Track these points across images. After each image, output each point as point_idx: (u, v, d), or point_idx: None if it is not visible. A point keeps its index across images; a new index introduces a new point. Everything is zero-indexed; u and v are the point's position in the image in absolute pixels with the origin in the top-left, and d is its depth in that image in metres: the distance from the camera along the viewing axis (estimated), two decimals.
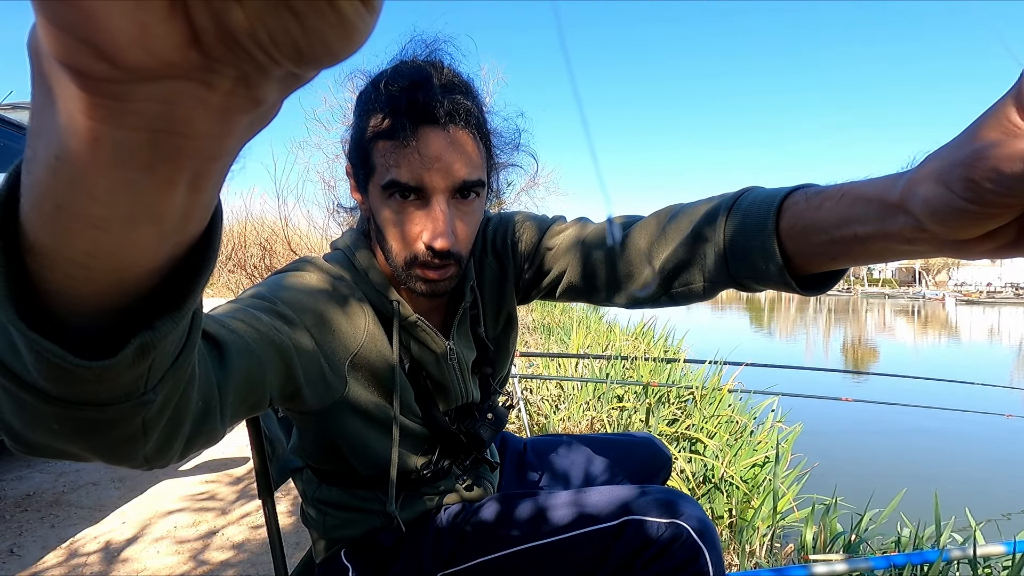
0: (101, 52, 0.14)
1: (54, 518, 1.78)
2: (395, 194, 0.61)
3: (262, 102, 0.17)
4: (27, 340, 0.21)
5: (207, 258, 0.24)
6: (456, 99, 0.60)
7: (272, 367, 0.51)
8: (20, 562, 1.54)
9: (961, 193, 0.30)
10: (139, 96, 0.15)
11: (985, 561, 1.50)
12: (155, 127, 0.16)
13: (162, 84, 0.15)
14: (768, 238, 0.47)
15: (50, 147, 0.17)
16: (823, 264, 0.46)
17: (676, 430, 2.38)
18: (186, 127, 0.17)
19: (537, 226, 0.77)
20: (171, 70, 0.15)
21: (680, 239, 0.58)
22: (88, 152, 0.16)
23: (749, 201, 0.51)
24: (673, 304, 0.63)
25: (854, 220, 0.40)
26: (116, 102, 0.15)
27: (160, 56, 0.14)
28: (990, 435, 3.97)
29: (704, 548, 0.63)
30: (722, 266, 0.54)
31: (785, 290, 0.49)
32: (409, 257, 0.63)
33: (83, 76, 0.15)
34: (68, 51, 0.14)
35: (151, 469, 0.33)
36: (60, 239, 0.19)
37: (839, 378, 5.54)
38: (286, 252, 6.78)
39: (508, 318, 0.81)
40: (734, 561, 1.64)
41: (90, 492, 1.98)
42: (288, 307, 0.58)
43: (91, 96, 0.15)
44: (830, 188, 0.43)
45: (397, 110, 0.59)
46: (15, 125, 2.12)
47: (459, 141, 0.61)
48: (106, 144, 0.16)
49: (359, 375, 0.66)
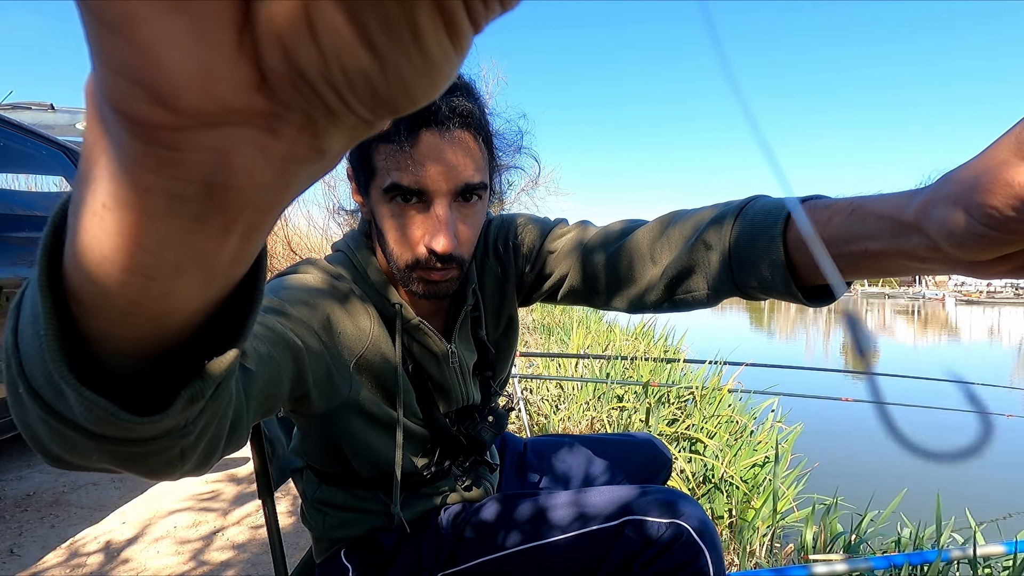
0: (157, 96, 0.13)
1: (54, 518, 1.78)
2: (396, 197, 0.61)
3: (326, 153, 0.16)
4: (79, 396, 0.20)
5: (253, 299, 0.23)
6: (457, 101, 0.59)
7: (286, 370, 0.51)
8: (20, 562, 1.54)
9: (981, 219, 0.30)
10: (196, 145, 0.14)
11: (985, 561, 1.50)
12: (211, 178, 0.15)
13: (222, 131, 0.14)
14: (775, 248, 0.47)
15: (98, 195, 0.16)
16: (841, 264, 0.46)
17: (676, 430, 2.38)
18: (244, 178, 0.15)
19: (539, 229, 0.76)
20: (233, 116, 0.14)
21: (684, 245, 0.58)
22: (138, 203, 0.15)
23: (756, 210, 0.51)
24: (675, 310, 0.63)
25: (865, 236, 0.40)
26: (170, 151, 0.14)
27: (222, 101, 0.13)
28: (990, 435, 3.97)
29: (704, 548, 0.63)
30: (727, 273, 0.54)
31: (789, 300, 0.49)
32: (411, 260, 0.63)
33: (136, 123, 0.13)
34: (121, 95, 0.13)
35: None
36: (105, 287, 0.18)
37: (839, 378, 5.53)
38: (286, 252, 6.78)
39: (509, 320, 0.81)
40: (734, 561, 1.64)
41: (90, 492, 1.98)
42: (296, 309, 0.58)
43: (144, 144, 0.14)
44: (840, 201, 0.43)
45: None
46: (15, 125, 2.12)
47: (461, 143, 0.60)
48: (158, 195, 0.15)
49: (363, 377, 0.66)
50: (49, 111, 3.34)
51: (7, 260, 1.83)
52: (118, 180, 0.15)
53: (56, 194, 2.58)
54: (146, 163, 0.14)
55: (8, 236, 1.88)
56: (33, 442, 0.26)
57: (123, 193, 0.15)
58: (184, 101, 0.13)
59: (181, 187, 0.15)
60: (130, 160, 0.15)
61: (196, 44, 0.12)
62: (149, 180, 0.15)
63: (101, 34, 0.12)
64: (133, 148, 0.14)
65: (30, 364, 0.22)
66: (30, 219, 2.05)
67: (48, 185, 2.81)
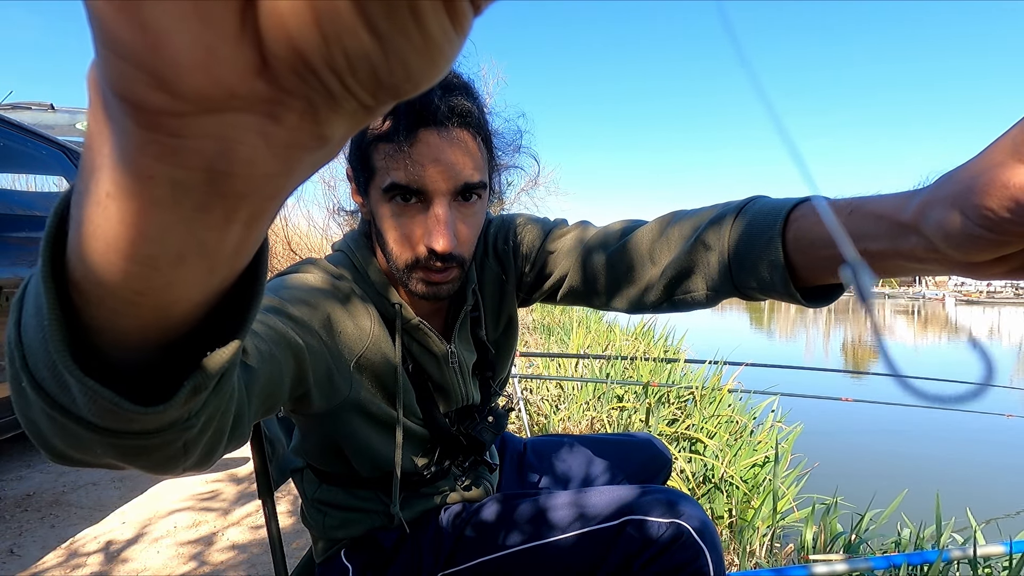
0: (160, 80, 0.13)
1: (54, 518, 1.78)
2: (396, 197, 0.61)
3: (328, 140, 0.16)
4: (82, 386, 0.21)
5: (255, 291, 0.23)
6: (456, 100, 0.59)
7: (287, 369, 0.51)
8: (20, 562, 1.54)
9: (977, 220, 0.30)
10: (198, 131, 0.14)
11: (985, 561, 1.50)
12: (213, 166, 0.15)
13: (223, 117, 0.14)
14: (775, 249, 0.47)
15: (101, 184, 0.16)
16: (828, 277, 0.46)
17: (676, 430, 2.38)
18: (246, 166, 0.15)
19: (539, 229, 0.76)
20: (235, 102, 0.14)
21: (683, 246, 0.58)
22: (141, 191, 0.15)
23: (756, 210, 0.51)
24: (674, 311, 0.63)
25: (864, 237, 0.40)
26: (172, 138, 0.14)
27: (225, 85, 0.13)
28: (990, 435, 3.97)
29: (704, 548, 0.63)
30: (726, 274, 0.54)
31: (788, 301, 0.49)
32: (411, 260, 0.63)
33: (139, 108, 0.14)
34: (125, 80, 0.13)
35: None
36: (108, 277, 0.18)
37: (839, 378, 5.53)
38: (286, 252, 6.78)
39: (509, 321, 0.81)
40: (734, 561, 1.64)
41: (90, 492, 1.98)
42: (297, 308, 0.58)
43: (146, 131, 0.14)
44: (839, 202, 0.43)
45: (396, 112, 0.58)
46: (15, 125, 2.12)
47: (460, 142, 0.60)
48: (160, 183, 0.15)
49: (363, 377, 0.66)
50: (49, 111, 3.34)
51: (7, 260, 1.83)
52: (121, 168, 0.15)
53: (56, 194, 2.57)
54: (149, 151, 0.14)
55: (8, 236, 1.88)
56: (36, 438, 0.26)
57: (126, 181, 0.15)
58: (186, 85, 0.13)
59: (184, 175, 0.15)
60: (133, 148, 0.15)
61: (200, 27, 0.12)
62: (152, 168, 0.15)
63: (106, 17, 0.13)
64: (136, 135, 0.14)
65: (33, 357, 0.22)
66: (30, 219, 2.05)
67: (48, 185, 2.81)
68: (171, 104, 0.13)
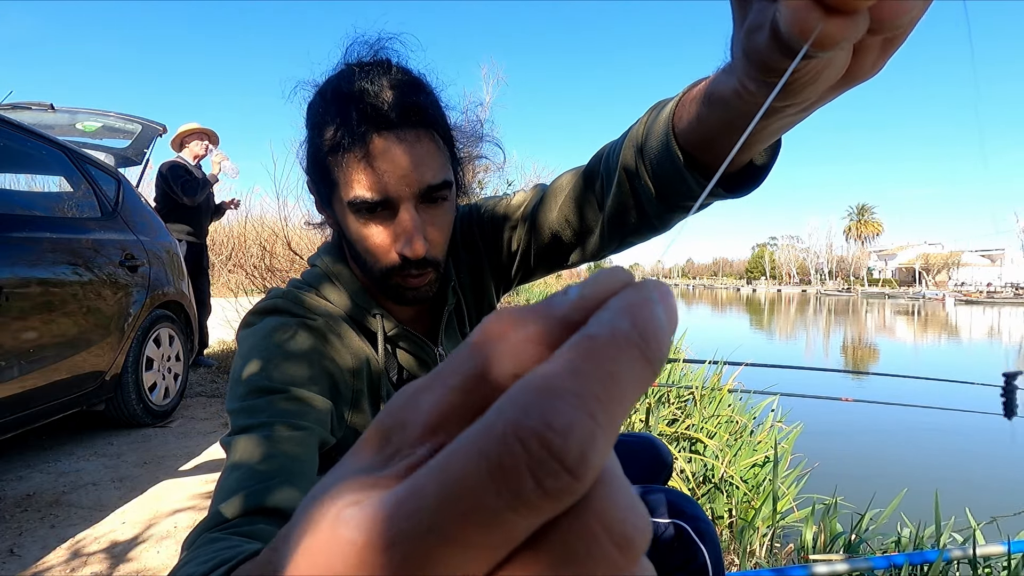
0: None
1: (54, 518, 1.78)
2: (361, 209, 0.59)
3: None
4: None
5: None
6: (408, 99, 0.57)
7: (315, 453, 0.55)
8: (20, 562, 1.54)
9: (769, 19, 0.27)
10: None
11: (985, 561, 1.50)
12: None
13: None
14: (675, 158, 0.46)
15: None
16: (723, 150, 0.44)
17: (676, 430, 2.38)
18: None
19: (496, 207, 0.75)
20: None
21: (613, 182, 0.57)
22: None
23: (652, 132, 0.50)
24: (629, 245, 0.63)
25: (714, 94, 0.39)
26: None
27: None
28: (990, 435, 3.97)
29: (704, 548, 0.63)
30: (648, 193, 0.53)
31: (716, 199, 0.50)
32: (385, 268, 0.61)
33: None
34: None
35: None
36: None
37: (839, 378, 5.54)
38: (286, 252, 6.77)
39: (491, 310, 0.81)
40: (734, 561, 1.64)
41: (90, 492, 1.98)
42: (298, 387, 0.57)
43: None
44: (692, 89, 0.44)
45: (348, 121, 0.56)
46: (15, 125, 2.12)
47: (418, 144, 0.57)
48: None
49: (359, 400, 0.66)
50: (49, 111, 3.34)
51: (7, 260, 1.83)
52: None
53: (56, 194, 2.55)
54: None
55: (8, 236, 1.88)
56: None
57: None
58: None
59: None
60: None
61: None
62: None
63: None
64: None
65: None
66: (30, 219, 2.05)
67: (48, 185, 2.80)
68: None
